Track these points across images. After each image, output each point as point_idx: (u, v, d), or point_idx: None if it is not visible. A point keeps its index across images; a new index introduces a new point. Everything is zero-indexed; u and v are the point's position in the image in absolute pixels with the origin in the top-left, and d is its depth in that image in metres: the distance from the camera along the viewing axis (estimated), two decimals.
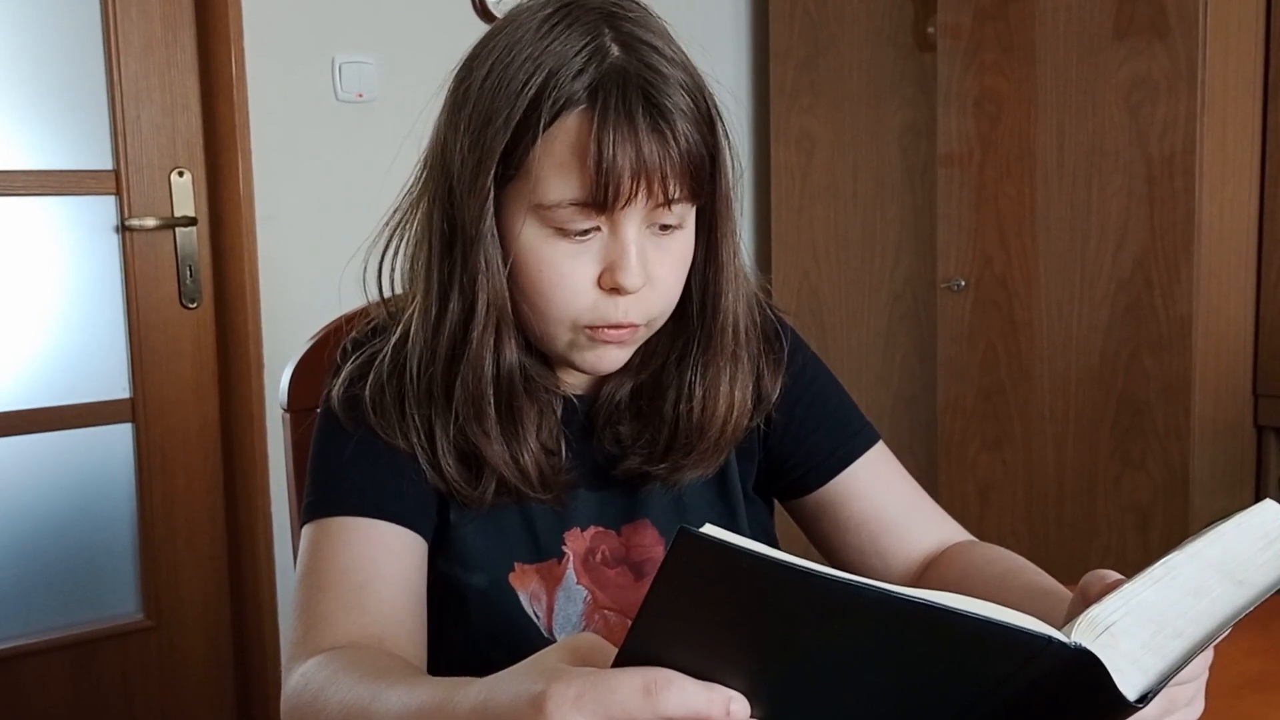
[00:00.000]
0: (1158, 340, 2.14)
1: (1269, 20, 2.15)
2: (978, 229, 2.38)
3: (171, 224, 2.28)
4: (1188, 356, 2.11)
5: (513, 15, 0.84)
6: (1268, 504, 0.67)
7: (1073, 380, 2.26)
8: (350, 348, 0.93)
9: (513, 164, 0.80)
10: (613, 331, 0.83)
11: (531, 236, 0.81)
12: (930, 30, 2.47)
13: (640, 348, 0.89)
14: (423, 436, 0.87)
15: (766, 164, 2.87)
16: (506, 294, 0.83)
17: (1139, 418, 2.18)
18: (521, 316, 0.85)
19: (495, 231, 0.82)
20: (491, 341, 0.84)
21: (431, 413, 0.86)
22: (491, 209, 0.81)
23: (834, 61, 2.69)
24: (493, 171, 0.80)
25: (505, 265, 0.82)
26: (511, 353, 0.85)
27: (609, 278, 0.81)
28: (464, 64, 0.85)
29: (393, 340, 0.89)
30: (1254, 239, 2.20)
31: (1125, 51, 2.13)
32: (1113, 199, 2.18)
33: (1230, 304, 2.17)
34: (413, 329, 0.87)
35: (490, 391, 0.85)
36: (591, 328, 0.83)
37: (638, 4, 0.84)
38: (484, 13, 2.49)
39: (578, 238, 0.80)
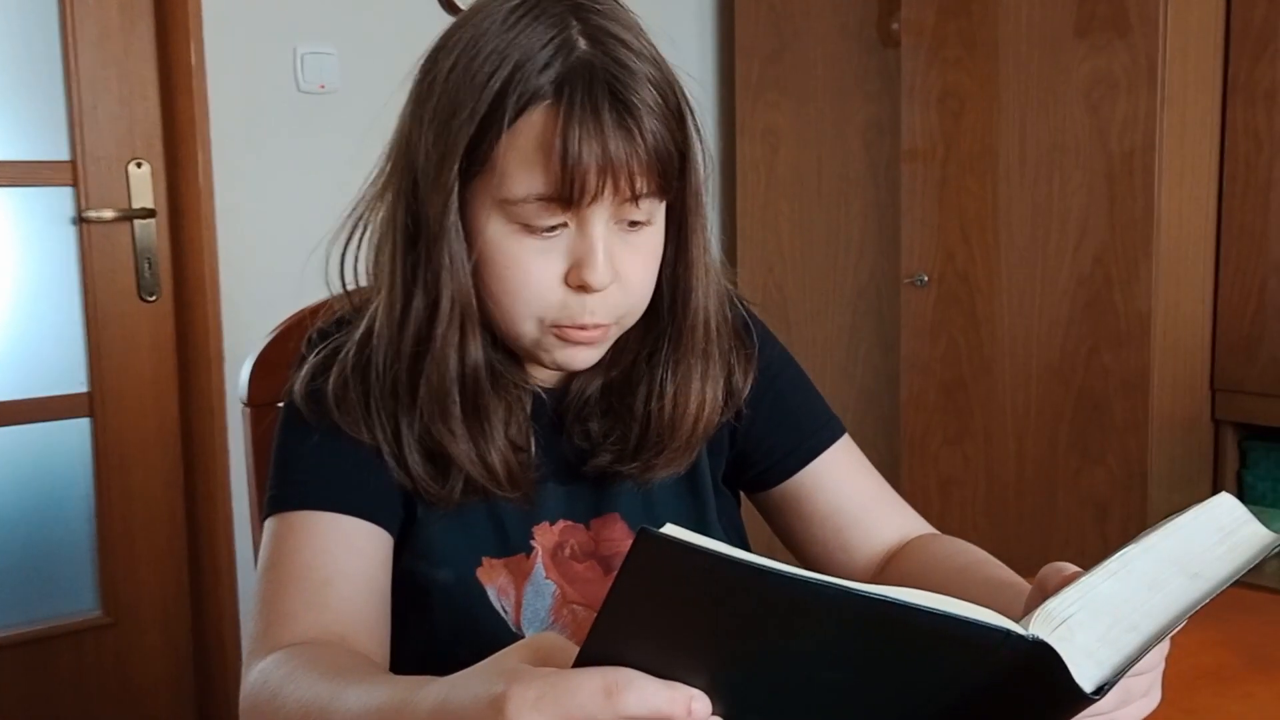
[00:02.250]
0: (1117, 336, 2.17)
1: (1228, 18, 2.17)
2: (940, 225, 2.39)
3: (130, 216, 2.26)
4: (1146, 352, 2.13)
5: (479, 5, 0.83)
6: (1223, 497, 0.68)
7: (1033, 375, 2.29)
8: (316, 338, 0.92)
9: (478, 159, 0.79)
10: (580, 332, 0.83)
11: (497, 232, 0.80)
12: (894, 26, 2.48)
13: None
14: (388, 434, 0.86)
15: (732, 158, 2.88)
16: (472, 290, 0.82)
17: (1098, 412, 2.20)
18: (487, 313, 0.84)
19: (460, 227, 0.81)
20: (456, 339, 0.83)
21: (397, 410, 0.85)
22: (455, 204, 0.80)
23: (799, 56, 2.70)
24: (456, 166, 0.79)
25: (470, 261, 0.81)
26: (477, 350, 0.84)
27: (576, 275, 0.80)
28: (429, 55, 0.84)
29: (357, 335, 0.87)
30: (1212, 236, 2.23)
31: (1086, 49, 2.15)
32: (1073, 195, 2.20)
33: (1188, 300, 2.20)
34: (377, 324, 0.85)
35: (455, 390, 0.83)
36: (558, 326, 0.82)
37: None
38: (448, 4, 2.47)
39: (545, 234, 0.80)
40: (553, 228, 0.80)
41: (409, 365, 0.84)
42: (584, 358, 0.85)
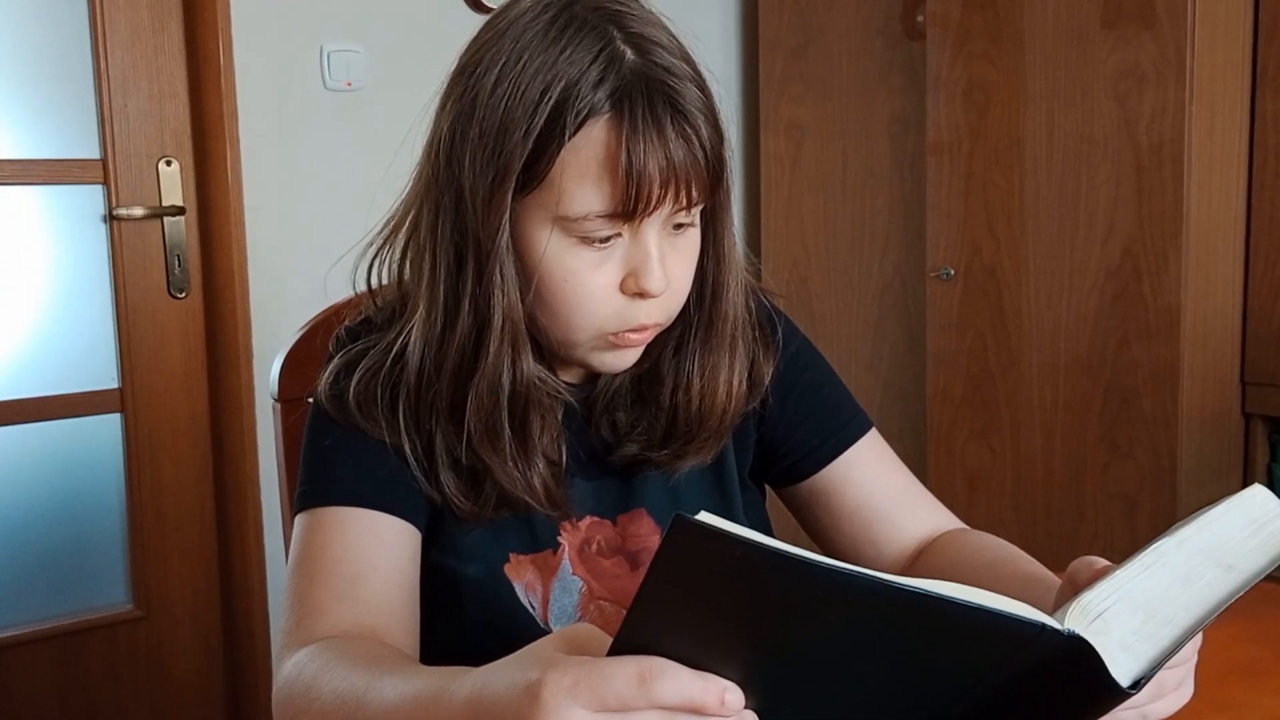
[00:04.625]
0: (1146, 329, 2.15)
1: (1257, 9, 2.15)
2: (967, 218, 2.38)
3: (159, 213, 2.27)
4: (1175, 345, 2.12)
5: (510, 17, 0.82)
6: (1256, 489, 0.67)
7: (1061, 369, 2.27)
8: (345, 336, 0.92)
9: (534, 176, 0.79)
10: (635, 335, 0.83)
11: (555, 247, 0.80)
12: (919, 19, 2.47)
13: None
14: (420, 450, 0.86)
15: (756, 153, 2.87)
16: (520, 307, 0.82)
17: (1127, 406, 2.19)
18: (538, 327, 0.84)
19: (511, 245, 0.81)
20: (509, 356, 0.83)
21: (433, 428, 0.85)
22: (509, 223, 0.80)
23: (823, 51, 2.69)
24: (512, 185, 0.79)
25: (526, 279, 0.81)
26: (528, 366, 0.84)
27: (632, 283, 0.80)
28: (463, 69, 0.83)
29: (392, 351, 0.87)
30: (1242, 228, 2.21)
31: (1114, 41, 2.13)
32: (1101, 188, 2.18)
33: (1218, 293, 2.18)
34: (412, 341, 0.85)
35: (505, 407, 0.84)
36: (615, 334, 0.83)
37: None
38: (474, 2, 2.48)
39: (600, 245, 0.80)
40: (608, 239, 0.80)
41: (451, 383, 0.84)
42: (630, 358, 0.86)
